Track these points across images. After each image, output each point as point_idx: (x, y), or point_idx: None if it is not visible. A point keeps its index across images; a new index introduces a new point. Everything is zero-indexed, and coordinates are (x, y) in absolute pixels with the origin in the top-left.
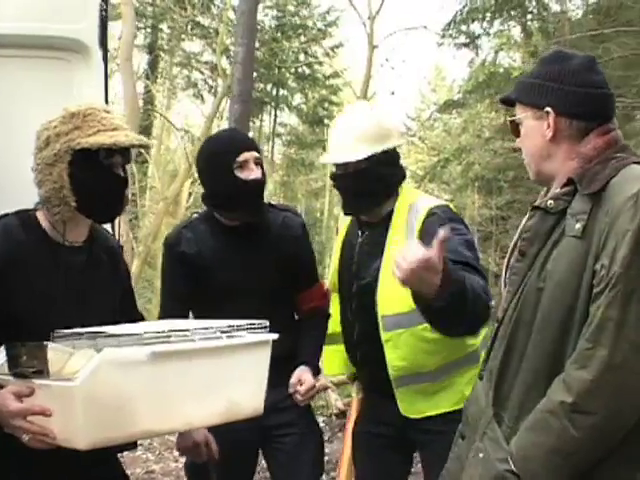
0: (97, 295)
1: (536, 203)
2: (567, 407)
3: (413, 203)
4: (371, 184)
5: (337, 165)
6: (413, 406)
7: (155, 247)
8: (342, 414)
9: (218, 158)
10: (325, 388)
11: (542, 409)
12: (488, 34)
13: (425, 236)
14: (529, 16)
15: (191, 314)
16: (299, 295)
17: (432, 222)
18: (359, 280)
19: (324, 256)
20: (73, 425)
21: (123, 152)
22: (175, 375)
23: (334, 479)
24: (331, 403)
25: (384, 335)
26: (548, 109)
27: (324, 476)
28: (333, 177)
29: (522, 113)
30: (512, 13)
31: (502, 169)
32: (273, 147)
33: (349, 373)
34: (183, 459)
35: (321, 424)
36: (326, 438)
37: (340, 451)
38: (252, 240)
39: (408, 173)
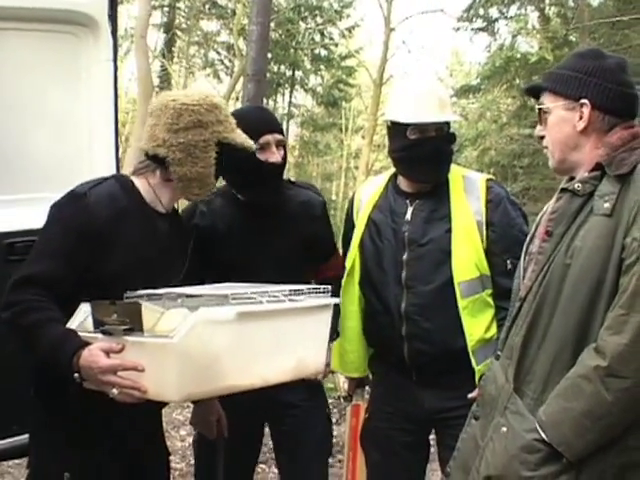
0: (178, 258)
1: (563, 186)
2: (601, 371)
3: (465, 175)
4: (450, 150)
5: (413, 131)
6: None
7: None
8: (350, 397)
9: None
10: (334, 371)
11: (573, 375)
12: (506, 17)
13: (494, 206)
14: (547, 1)
15: None
16: (316, 266)
17: (497, 194)
18: (416, 247)
19: (337, 237)
20: (167, 380)
21: None
22: (256, 334)
23: (340, 462)
24: (339, 385)
25: (461, 302)
26: (585, 101)
27: (330, 459)
28: (403, 146)
29: (553, 102)
30: None
31: (517, 155)
32: (288, 128)
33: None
34: (189, 438)
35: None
36: (334, 420)
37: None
38: (269, 216)
39: None
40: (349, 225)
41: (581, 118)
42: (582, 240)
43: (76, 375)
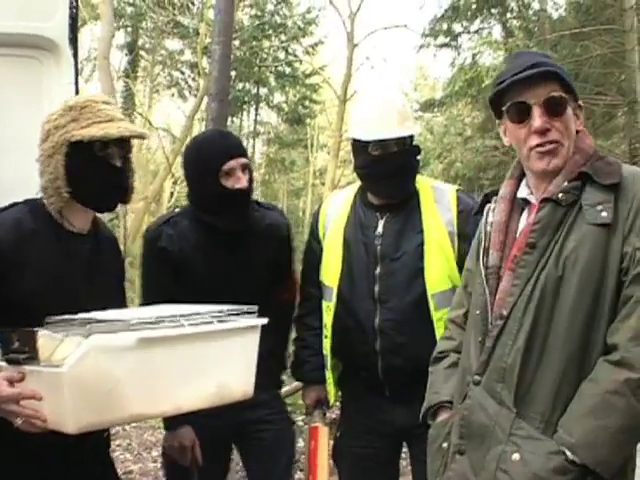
0: (101, 282)
1: (545, 195)
2: (633, 383)
3: (434, 185)
4: (415, 162)
5: (374, 147)
6: None
7: (136, 246)
8: (309, 413)
9: (204, 164)
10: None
11: (600, 392)
12: (469, 32)
13: (465, 217)
14: (509, 15)
15: None
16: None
17: (467, 205)
18: (389, 261)
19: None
20: (62, 409)
21: (120, 143)
22: (163, 360)
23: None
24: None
25: (435, 314)
26: (580, 102)
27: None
28: (366, 163)
29: (566, 94)
30: (492, 11)
31: (483, 168)
32: (254, 146)
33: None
34: (161, 459)
35: (300, 422)
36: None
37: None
38: (235, 239)
39: None
40: (313, 239)
41: (578, 118)
42: (575, 252)
43: None
